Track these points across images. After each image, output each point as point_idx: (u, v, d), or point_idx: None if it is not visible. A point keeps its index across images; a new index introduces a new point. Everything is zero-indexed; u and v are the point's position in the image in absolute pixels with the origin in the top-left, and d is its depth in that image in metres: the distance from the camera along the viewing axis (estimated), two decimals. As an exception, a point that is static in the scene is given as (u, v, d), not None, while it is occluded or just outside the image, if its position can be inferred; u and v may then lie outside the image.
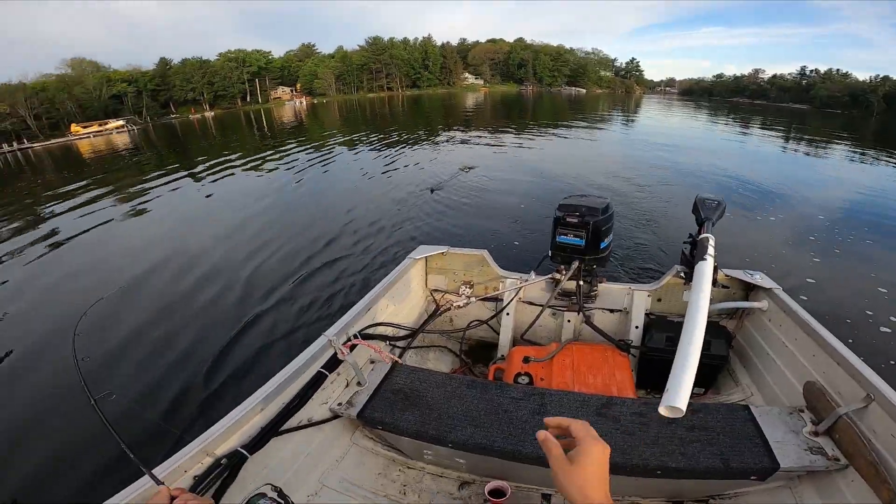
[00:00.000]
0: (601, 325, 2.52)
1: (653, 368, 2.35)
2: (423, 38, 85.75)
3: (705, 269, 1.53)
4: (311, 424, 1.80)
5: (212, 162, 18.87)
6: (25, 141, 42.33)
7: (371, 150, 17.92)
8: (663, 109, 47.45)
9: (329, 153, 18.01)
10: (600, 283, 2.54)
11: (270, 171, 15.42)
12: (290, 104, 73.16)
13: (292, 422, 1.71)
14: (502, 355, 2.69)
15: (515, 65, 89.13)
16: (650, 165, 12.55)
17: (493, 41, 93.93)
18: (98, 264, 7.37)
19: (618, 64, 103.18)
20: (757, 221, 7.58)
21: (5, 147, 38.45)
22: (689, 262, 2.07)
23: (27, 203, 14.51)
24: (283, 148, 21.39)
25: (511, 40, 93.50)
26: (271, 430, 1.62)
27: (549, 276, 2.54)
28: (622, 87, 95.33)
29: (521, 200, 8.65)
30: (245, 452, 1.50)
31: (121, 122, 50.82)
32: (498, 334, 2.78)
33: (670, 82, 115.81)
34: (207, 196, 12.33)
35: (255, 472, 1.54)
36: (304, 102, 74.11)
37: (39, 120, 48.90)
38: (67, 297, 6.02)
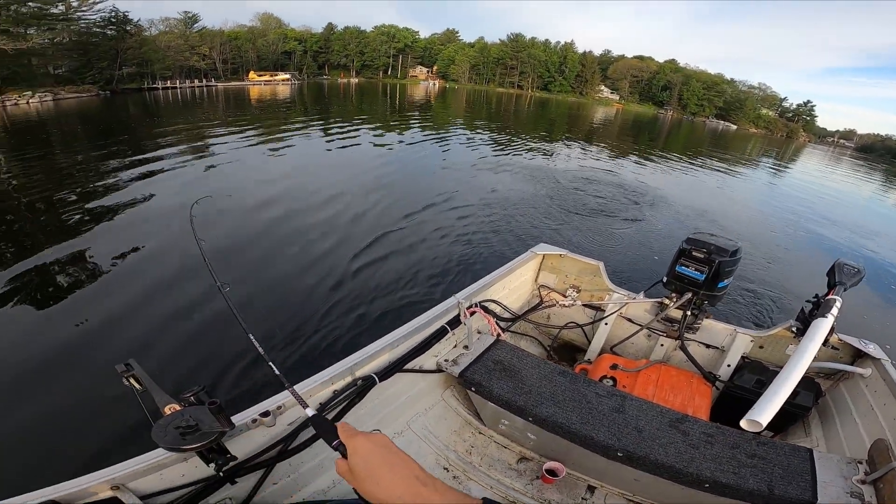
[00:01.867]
0: (694, 355, 2.60)
1: (732, 405, 2.38)
2: (566, 42, 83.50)
3: (822, 326, 1.62)
4: (420, 371, 2.10)
5: (344, 122, 21.21)
6: (212, 80, 51.37)
7: (488, 141, 18.42)
8: (827, 164, 40.57)
9: (448, 135, 19.02)
10: (706, 318, 2.60)
11: (392, 139, 16.84)
12: (423, 84, 77.31)
13: (409, 364, 1.97)
14: (589, 359, 2.89)
15: (660, 86, 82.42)
16: (786, 219, 11.47)
17: (640, 58, 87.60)
18: (239, 185, 8.95)
19: (786, 104, 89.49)
20: (887, 293, 7.09)
21: (196, 82, 47.54)
22: (806, 319, 2.14)
23: (199, 126, 17.94)
24: (408, 121, 23.07)
25: (661, 60, 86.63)
26: (398, 365, 1.92)
27: (658, 299, 2.66)
28: (783, 131, 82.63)
29: (635, 223, 8.56)
30: (377, 378, 1.75)
31: (287, 76, 59.88)
32: (588, 340, 2.97)
33: (848, 134, 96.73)
34: (329, 149, 14.13)
35: (373, 398, 1.79)
36: (437, 85, 77.71)
37: (226, 64, 58.09)
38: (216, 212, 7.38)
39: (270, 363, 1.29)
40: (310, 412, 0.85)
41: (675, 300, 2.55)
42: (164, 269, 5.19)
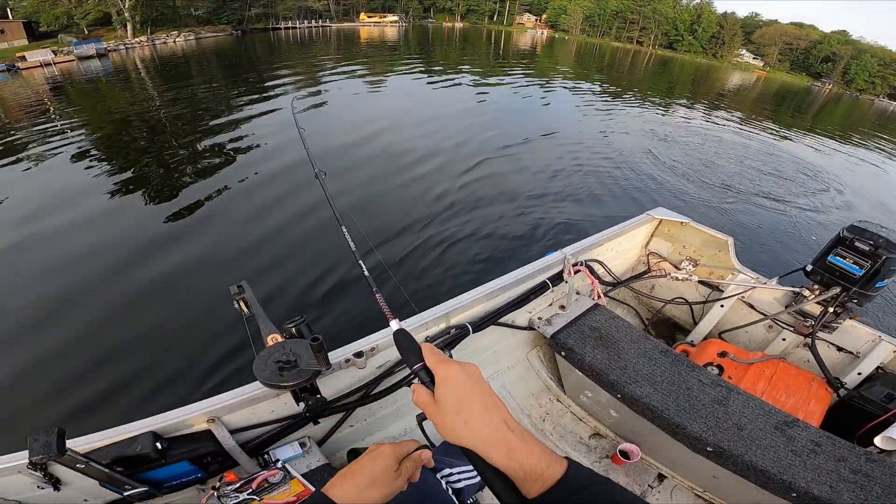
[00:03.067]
0: (822, 356, 2.30)
1: (850, 416, 2.10)
2: (701, 1, 71.35)
3: None
4: (511, 326, 1.97)
5: (447, 67, 21.09)
6: (327, 21, 54.17)
7: (595, 97, 17.05)
8: None
9: (551, 87, 17.98)
10: (850, 318, 2.24)
11: (492, 86, 16.49)
12: (530, 32, 72.69)
13: (504, 318, 1.88)
14: (692, 341, 2.67)
15: (820, 57, 67.95)
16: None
17: (798, 25, 72.50)
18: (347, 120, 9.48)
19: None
20: None
21: (313, 23, 50.91)
22: None
23: (310, 65, 19.27)
24: (510, 70, 22.20)
25: (827, 31, 70.87)
26: (493, 318, 1.81)
27: (795, 288, 2.34)
28: (977, 117, 64.33)
29: (770, 200, 7.54)
30: (470, 329, 1.69)
31: (395, 18, 61.01)
32: (694, 321, 2.73)
33: None
34: (432, 90, 14.39)
35: (461, 348, 1.71)
36: (545, 34, 72.45)
37: (338, 5, 59.78)
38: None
39: (360, 262, 1.15)
40: (395, 325, 0.76)
41: (817, 293, 2.22)
42: (277, 192, 5.81)
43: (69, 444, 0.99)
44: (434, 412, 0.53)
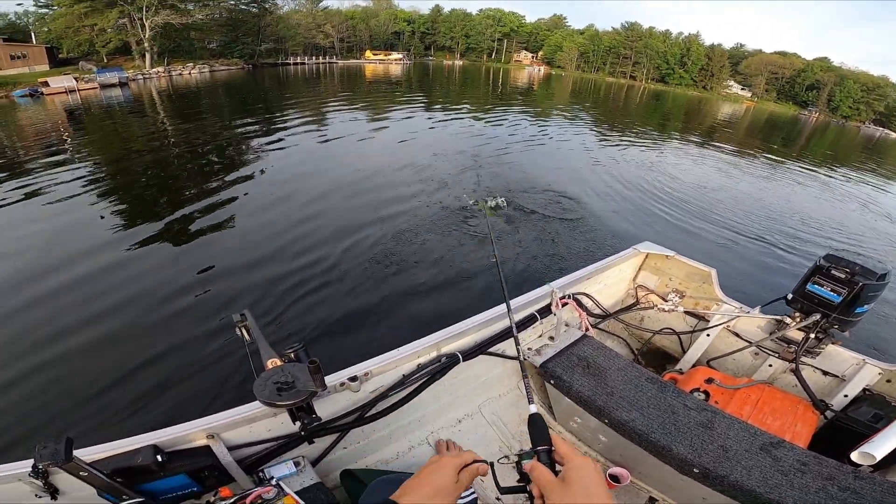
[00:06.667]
0: (808, 381, 2.34)
1: (837, 437, 2.12)
2: (690, 34, 74.58)
3: None
4: (501, 355, 2.07)
5: (447, 104, 21.73)
6: (333, 57, 56.76)
7: (589, 131, 17.54)
8: None
9: (546, 123, 18.47)
10: (832, 343, 2.30)
11: (488, 124, 16.86)
12: (528, 69, 75.28)
13: (493, 347, 1.98)
14: (680, 369, 2.72)
15: (805, 85, 70.37)
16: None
17: (782, 54, 75.50)
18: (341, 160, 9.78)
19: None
20: None
21: (319, 59, 53.24)
22: None
23: (317, 102, 19.94)
24: (508, 106, 22.92)
25: (810, 58, 73.82)
26: (483, 347, 1.91)
27: (776, 317, 2.42)
28: (964, 144, 65.57)
29: (755, 232, 7.72)
30: (460, 357, 1.78)
31: (400, 56, 63.44)
32: (683, 350, 2.79)
33: None
34: (431, 128, 14.73)
35: (452, 376, 1.81)
36: (542, 70, 75.19)
37: (342, 42, 62.51)
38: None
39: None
40: (533, 409, 0.89)
41: (798, 320, 2.29)
42: (278, 228, 5.99)
43: (75, 453, 1.04)
44: (557, 490, 0.62)
